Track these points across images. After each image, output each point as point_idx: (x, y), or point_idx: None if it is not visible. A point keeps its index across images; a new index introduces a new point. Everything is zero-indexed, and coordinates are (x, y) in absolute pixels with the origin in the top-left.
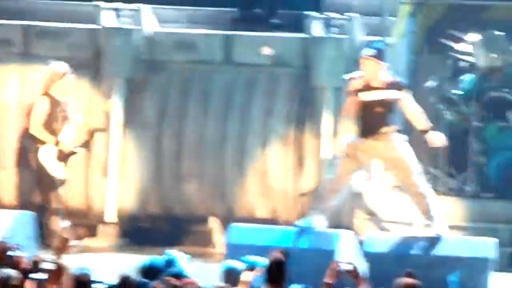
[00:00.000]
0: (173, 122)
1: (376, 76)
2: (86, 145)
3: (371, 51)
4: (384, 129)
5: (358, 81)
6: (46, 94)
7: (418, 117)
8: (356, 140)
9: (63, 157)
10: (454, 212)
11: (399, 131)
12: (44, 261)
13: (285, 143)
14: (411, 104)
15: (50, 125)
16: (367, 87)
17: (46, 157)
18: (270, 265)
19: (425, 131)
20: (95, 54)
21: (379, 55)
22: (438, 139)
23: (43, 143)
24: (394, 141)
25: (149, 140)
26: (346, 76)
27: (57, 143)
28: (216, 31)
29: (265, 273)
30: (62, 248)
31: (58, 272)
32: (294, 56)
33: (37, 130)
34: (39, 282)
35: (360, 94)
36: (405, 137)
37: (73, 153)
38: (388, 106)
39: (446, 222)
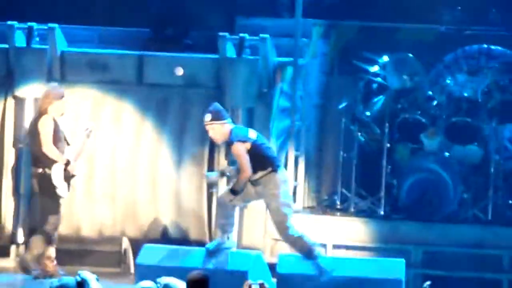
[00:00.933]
0: (85, 141)
1: (226, 136)
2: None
3: (208, 116)
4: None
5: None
6: (47, 114)
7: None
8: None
9: (68, 178)
10: (364, 233)
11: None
12: None
13: (199, 162)
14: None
15: (55, 145)
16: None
17: (57, 177)
18: (192, 285)
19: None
20: (6, 74)
21: (217, 115)
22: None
23: (45, 165)
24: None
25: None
26: None
27: (67, 163)
28: (128, 51)
29: None
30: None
31: None
32: (207, 76)
33: (50, 149)
34: None
35: None
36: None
37: (73, 175)
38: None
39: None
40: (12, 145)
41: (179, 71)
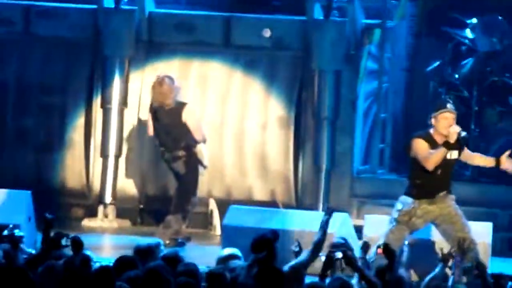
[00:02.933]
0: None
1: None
2: None
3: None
4: (443, 193)
5: (429, 137)
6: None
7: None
8: (410, 205)
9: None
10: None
11: None
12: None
13: (284, 125)
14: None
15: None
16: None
17: (204, 157)
18: (259, 243)
19: (497, 164)
20: (94, 34)
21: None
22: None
23: (191, 148)
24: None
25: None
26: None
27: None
28: (216, 12)
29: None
30: None
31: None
32: (295, 38)
33: (202, 135)
34: None
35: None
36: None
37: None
38: (452, 166)
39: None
40: (100, 105)
41: (267, 33)
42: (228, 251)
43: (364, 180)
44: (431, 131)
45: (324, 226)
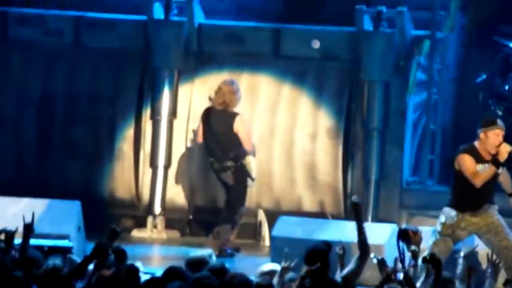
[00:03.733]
0: None
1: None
2: None
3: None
4: (486, 205)
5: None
6: (235, 110)
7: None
8: (454, 218)
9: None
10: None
11: None
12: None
13: (334, 136)
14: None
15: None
16: (484, 160)
17: (253, 169)
18: (312, 254)
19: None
20: (144, 46)
21: None
22: None
23: (240, 158)
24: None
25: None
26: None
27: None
28: (265, 23)
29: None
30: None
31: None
32: (344, 49)
33: (252, 147)
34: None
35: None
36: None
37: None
38: (496, 179)
39: None
40: (150, 116)
41: (316, 44)
42: (269, 266)
43: (413, 191)
44: (477, 144)
45: (360, 224)
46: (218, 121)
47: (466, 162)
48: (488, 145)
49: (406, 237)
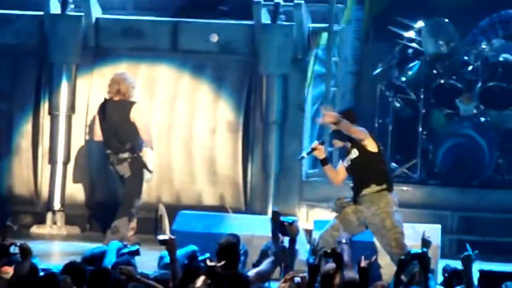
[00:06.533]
0: None
1: None
2: None
3: None
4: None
5: None
6: (132, 100)
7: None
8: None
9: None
10: (400, 198)
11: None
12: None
13: (233, 130)
14: None
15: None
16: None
17: (150, 160)
18: (222, 248)
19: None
20: (41, 41)
21: None
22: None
23: (137, 150)
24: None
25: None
26: None
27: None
28: (163, 18)
29: (218, 256)
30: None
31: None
32: (242, 43)
33: (150, 136)
34: None
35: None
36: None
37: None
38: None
39: None
40: (48, 112)
41: (214, 38)
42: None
43: (313, 184)
44: None
45: (275, 234)
46: (114, 111)
47: None
48: None
49: (282, 227)
